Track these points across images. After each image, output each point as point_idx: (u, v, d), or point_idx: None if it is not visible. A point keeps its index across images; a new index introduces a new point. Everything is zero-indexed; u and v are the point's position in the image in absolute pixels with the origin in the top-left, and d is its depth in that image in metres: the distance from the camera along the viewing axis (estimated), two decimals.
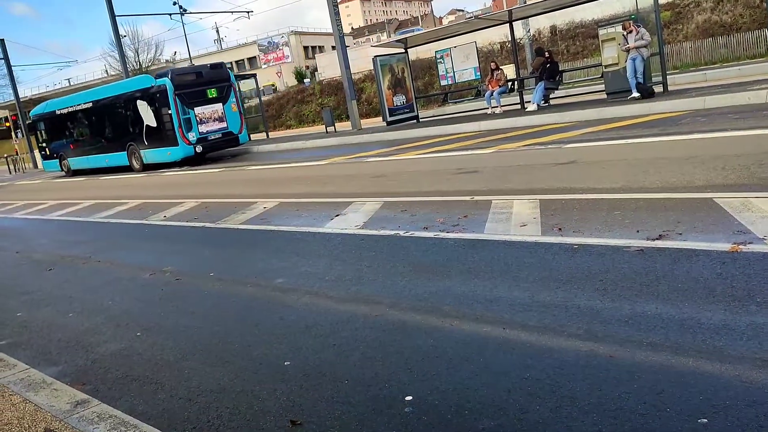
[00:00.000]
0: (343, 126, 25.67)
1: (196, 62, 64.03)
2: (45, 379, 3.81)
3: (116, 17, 29.98)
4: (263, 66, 62.50)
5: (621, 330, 3.46)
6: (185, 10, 45.45)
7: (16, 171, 39.70)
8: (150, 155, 21.89)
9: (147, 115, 21.26)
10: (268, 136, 28.37)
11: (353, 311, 4.49)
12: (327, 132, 24.36)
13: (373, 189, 9.60)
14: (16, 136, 43.63)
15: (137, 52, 65.96)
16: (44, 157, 29.09)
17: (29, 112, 30.70)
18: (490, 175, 9.02)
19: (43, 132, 28.21)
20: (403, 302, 4.49)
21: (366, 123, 25.23)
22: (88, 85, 76.02)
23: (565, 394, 2.90)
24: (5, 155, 42.36)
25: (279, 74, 57.55)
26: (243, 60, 69.48)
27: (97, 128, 24.44)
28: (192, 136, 20.47)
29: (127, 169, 22.95)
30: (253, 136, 28.74)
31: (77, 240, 9.70)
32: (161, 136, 20.91)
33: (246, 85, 30.46)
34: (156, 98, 20.66)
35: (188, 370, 3.90)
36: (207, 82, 21.05)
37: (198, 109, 20.65)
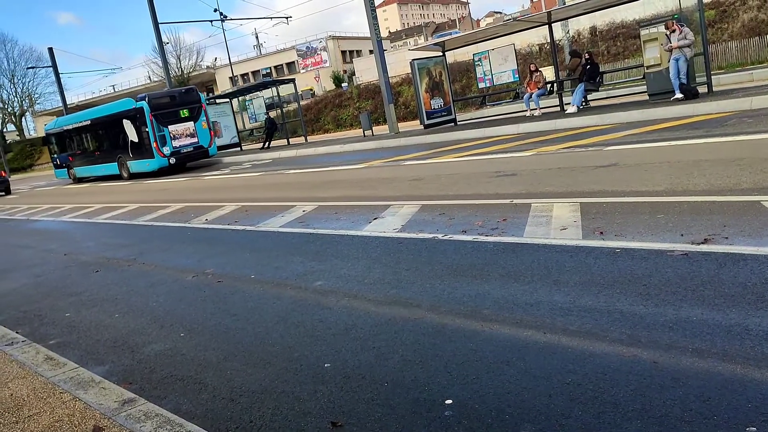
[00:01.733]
0: (380, 129, 25.76)
1: (236, 68, 65.03)
2: (93, 377, 3.92)
3: (159, 24, 30.68)
4: (301, 71, 63.14)
5: (665, 336, 3.40)
6: (226, 17, 46.15)
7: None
8: (134, 166, 25.75)
9: (131, 132, 25.04)
10: (306, 140, 28.64)
11: (392, 314, 4.50)
12: (364, 136, 24.48)
13: (410, 192, 9.61)
14: None
15: (179, 59, 67.43)
16: (56, 167, 33.53)
17: None
18: (530, 178, 8.95)
19: (54, 145, 32.65)
20: (443, 306, 4.48)
21: (403, 126, 25.26)
22: (132, 92, 77.83)
23: (608, 399, 2.86)
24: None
25: (317, 79, 58.04)
26: (282, 65, 70.30)
27: (95, 142, 28.68)
28: (166, 150, 24.19)
29: (118, 177, 26.96)
30: (292, 140, 29.06)
31: (122, 243, 9.95)
32: (141, 149, 24.75)
33: (285, 90, 30.85)
34: (136, 118, 24.42)
35: (231, 371, 3.97)
36: (180, 103, 24.75)
37: (172, 127, 24.30)
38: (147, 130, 24.12)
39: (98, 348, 4.89)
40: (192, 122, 24.91)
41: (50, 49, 41.57)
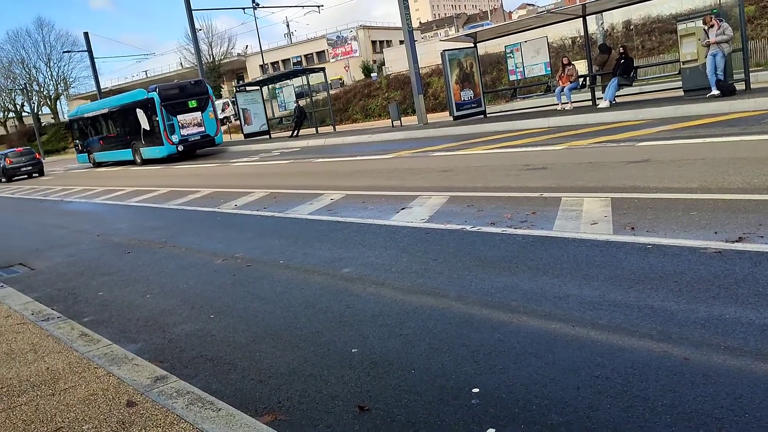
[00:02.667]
0: (409, 120, 25.71)
1: (267, 56, 65.38)
2: (126, 354, 4.01)
3: (192, 11, 30.93)
4: (331, 60, 63.20)
5: (697, 333, 3.37)
6: (258, 5, 46.36)
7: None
8: (146, 152, 27.37)
9: (143, 120, 26.70)
10: (335, 129, 28.69)
11: (419, 303, 4.52)
12: (393, 126, 24.46)
13: (439, 183, 9.60)
14: None
15: (211, 46, 67.90)
16: (77, 152, 35.35)
17: None
18: (560, 171, 8.87)
19: (76, 131, 34.96)
20: (470, 296, 4.49)
21: (432, 117, 25.17)
22: (164, 78, 78.76)
23: (638, 394, 2.85)
24: None
25: (346, 68, 58.06)
26: (312, 54, 70.43)
27: (112, 129, 30.48)
28: (175, 138, 25.77)
29: (132, 162, 28.65)
30: (321, 129, 29.15)
31: (153, 225, 10.11)
32: (152, 137, 26.36)
33: (314, 79, 30.94)
34: (148, 107, 26.03)
35: (259, 353, 4.03)
36: (189, 94, 26.33)
37: (180, 117, 25.85)
38: (157, 119, 25.65)
39: (130, 326, 5.00)
40: (200, 112, 26.45)
41: (86, 34, 42.16)
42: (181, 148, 25.81)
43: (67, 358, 4.08)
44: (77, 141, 34.95)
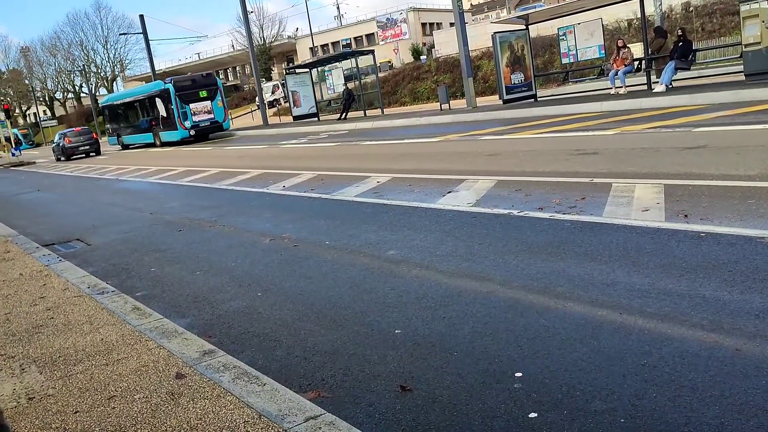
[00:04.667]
0: (457, 104, 25.47)
1: (316, 39, 65.68)
2: (176, 328, 4.13)
3: None
4: (381, 42, 62.97)
5: (750, 324, 3.27)
6: None
7: None
8: (164, 136, 31.45)
9: (161, 108, 30.86)
10: (383, 112, 28.68)
11: (464, 286, 4.51)
12: (441, 109, 24.28)
13: (486, 167, 9.51)
14: None
15: (262, 28, 68.57)
16: (108, 135, 39.77)
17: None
18: (611, 157, 8.67)
19: (107, 116, 39.16)
20: (515, 281, 4.45)
21: (481, 101, 24.89)
22: (216, 60, 79.84)
23: (685, 384, 2.79)
24: None
25: (396, 51, 57.77)
26: (361, 36, 70.29)
27: (136, 116, 34.29)
28: (187, 124, 29.95)
29: (152, 145, 32.49)
30: (369, 112, 29.16)
31: (204, 205, 10.33)
32: (169, 123, 30.51)
33: (363, 62, 30.88)
34: (165, 97, 30.22)
35: (304, 331, 4.09)
36: (200, 86, 30.55)
37: (192, 105, 29.95)
38: (172, 107, 29.79)
39: (180, 302, 5.14)
40: (209, 101, 30.56)
41: (141, 17, 43.06)
42: (193, 132, 29.90)
43: (121, 330, 4.23)
44: (108, 126, 39.75)
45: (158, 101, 30.94)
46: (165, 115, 30.61)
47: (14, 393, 3.41)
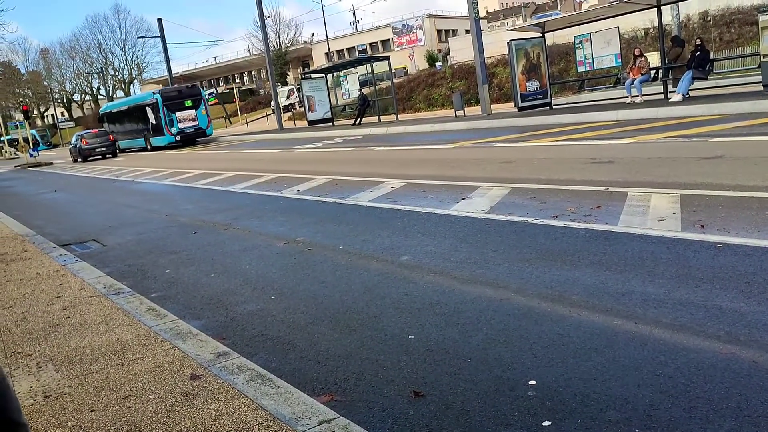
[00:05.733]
0: (472, 110, 25.47)
1: (332, 44, 65.95)
2: (191, 330, 4.16)
3: None
4: (396, 49, 63.10)
5: (767, 336, 3.24)
6: None
7: None
8: (154, 141, 34.57)
9: (151, 116, 34.12)
10: (397, 118, 28.73)
11: (478, 293, 4.50)
12: (456, 116, 24.29)
13: (501, 174, 9.50)
14: None
15: (278, 33, 68.98)
16: None
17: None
18: (627, 166, 8.63)
19: (106, 122, 41.27)
20: (529, 288, 4.44)
21: (496, 108, 24.87)
22: (233, 64, 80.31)
23: (701, 395, 2.77)
24: None
25: (411, 57, 57.87)
26: (377, 42, 70.46)
27: (130, 122, 37.25)
28: (173, 130, 33.14)
29: (144, 149, 35.60)
30: (383, 118, 29.22)
31: (218, 208, 10.39)
32: (157, 129, 33.78)
33: (379, 68, 31.00)
34: (154, 106, 33.53)
35: (318, 335, 4.11)
36: (185, 96, 34.01)
37: (178, 114, 33.21)
38: (160, 115, 33.04)
39: (195, 303, 5.18)
40: (194, 110, 33.83)
41: (159, 20, 43.48)
42: (178, 138, 33.16)
43: (136, 330, 4.26)
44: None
45: (148, 110, 34.38)
46: (154, 122, 34.01)
47: (31, 391, 3.45)
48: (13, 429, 1.83)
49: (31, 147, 38.82)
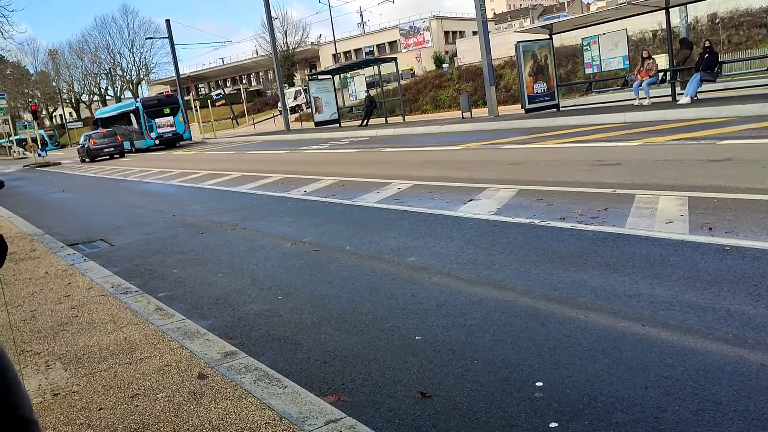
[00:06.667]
0: (479, 112, 25.46)
1: (339, 45, 66.05)
2: (199, 329, 4.18)
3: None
4: (403, 50, 63.15)
5: None
6: None
7: None
8: (137, 144, 38.71)
9: (135, 121, 38.38)
10: (404, 119, 28.73)
11: (484, 294, 4.51)
12: (463, 117, 24.27)
13: (507, 176, 9.49)
14: None
15: (285, 34, 69.13)
16: None
17: (187, 87, 37.61)
18: (635, 168, 8.61)
19: (99, 126, 43.75)
20: (536, 290, 4.44)
21: (503, 110, 24.85)
22: (240, 65, 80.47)
23: (708, 397, 2.76)
24: None
25: (418, 59, 57.90)
26: (384, 44, 70.56)
27: (119, 127, 40.22)
28: (153, 135, 36.94)
29: (129, 151, 38.34)
30: (390, 119, 29.23)
31: (226, 208, 10.42)
32: (140, 134, 37.97)
33: (386, 69, 31.04)
34: (136, 113, 37.96)
35: (324, 335, 4.12)
36: (164, 104, 38.16)
37: (157, 120, 37.22)
38: (141, 121, 37.22)
39: (202, 303, 5.20)
40: (172, 117, 37.72)
41: (167, 21, 43.63)
42: (158, 141, 36.85)
43: (144, 330, 4.28)
44: None
45: (132, 116, 38.58)
46: (137, 127, 38.08)
47: (40, 389, 3.47)
48: (24, 425, 1.84)
49: (40, 147, 39.13)
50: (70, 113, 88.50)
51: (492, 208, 7.34)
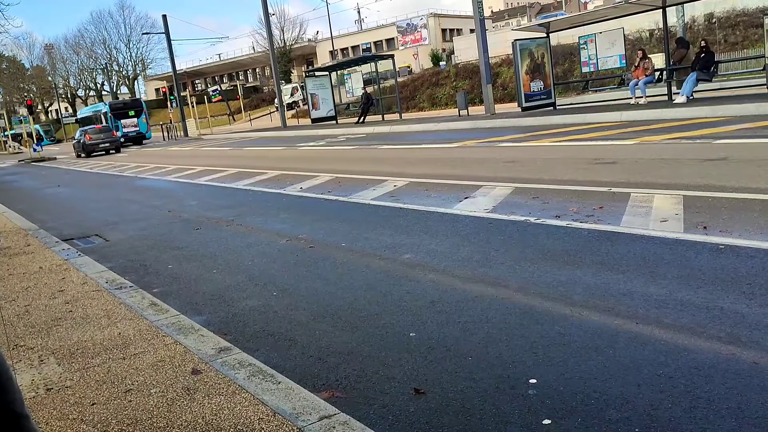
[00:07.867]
0: (476, 110, 25.47)
1: (336, 42, 66.03)
2: (193, 325, 4.17)
3: None
4: (400, 47, 63.10)
5: None
6: None
7: (169, 138, 43.19)
8: None
9: (104, 121, 42.61)
10: (401, 116, 28.75)
11: (479, 292, 4.51)
12: (460, 115, 24.29)
13: (504, 174, 9.50)
14: (171, 106, 47.42)
15: (283, 31, 68.97)
16: None
17: (183, 83, 37.60)
18: (630, 167, 8.63)
19: (81, 124, 47.86)
20: (531, 288, 4.45)
21: (500, 108, 24.86)
22: (237, 61, 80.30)
23: (701, 395, 2.77)
24: (161, 123, 46.83)
25: (415, 56, 57.86)
26: (381, 41, 70.48)
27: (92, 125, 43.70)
28: (118, 134, 39.51)
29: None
30: (387, 117, 29.22)
31: (221, 204, 10.41)
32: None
33: (383, 66, 30.98)
34: (104, 114, 43.97)
35: (319, 331, 4.12)
36: (129, 107, 44.80)
37: (123, 121, 43.10)
38: (109, 122, 41.80)
39: (197, 299, 5.19)
40: (135, 118, 43.75)
41: (164, 16, 43.56)
42: (123, 140, 39.67)
43: (138, 325, 4.27)
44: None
45: (102, 117, 44.19)
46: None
47: (33, 383, 3.46)
48: (16, 420, 1.84)
49: (35, 142, 39.00)
50: (66, 108, 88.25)
51: (488, 206, 7.34)
